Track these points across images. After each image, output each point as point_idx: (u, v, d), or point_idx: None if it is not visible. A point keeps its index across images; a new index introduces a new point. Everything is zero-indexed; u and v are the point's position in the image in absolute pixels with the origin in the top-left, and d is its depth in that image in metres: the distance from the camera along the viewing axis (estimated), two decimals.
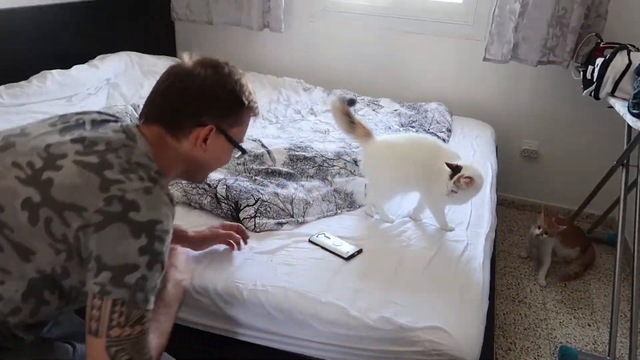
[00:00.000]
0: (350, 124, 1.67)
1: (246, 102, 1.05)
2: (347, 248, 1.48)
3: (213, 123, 1.01)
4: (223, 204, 1.61)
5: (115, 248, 0.83)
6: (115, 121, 1.01)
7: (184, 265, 1.22)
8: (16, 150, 0.90)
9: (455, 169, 1.49)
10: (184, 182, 1.69)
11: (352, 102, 1.76)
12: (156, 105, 1.02)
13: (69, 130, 0.95)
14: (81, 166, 0.87)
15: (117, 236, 0.83)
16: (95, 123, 0.98)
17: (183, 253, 1.28)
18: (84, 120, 0.98)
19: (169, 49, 3.28)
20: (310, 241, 1.53)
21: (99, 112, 1.03)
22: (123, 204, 0.84)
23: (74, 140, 0.91)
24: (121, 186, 0.85)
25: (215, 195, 1.64)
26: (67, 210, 0.83)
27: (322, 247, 1.50)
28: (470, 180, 1.47)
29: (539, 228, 2.20)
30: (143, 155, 0.93)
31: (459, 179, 1.47)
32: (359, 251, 1.48)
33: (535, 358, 1.89)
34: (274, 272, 1.36)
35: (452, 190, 1.50)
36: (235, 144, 1.08)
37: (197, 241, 1.38)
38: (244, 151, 1.12)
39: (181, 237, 1.34)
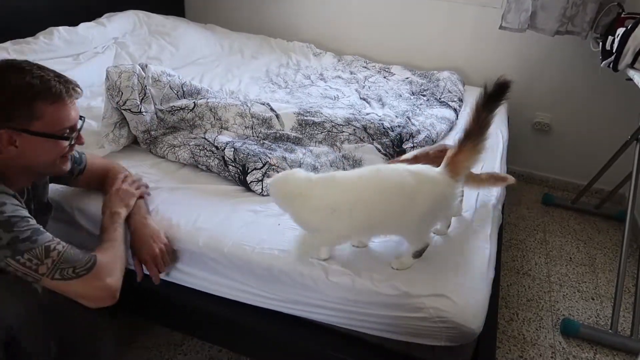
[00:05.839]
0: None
1: (25, 99, 1.04)
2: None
3: (3, 127, 1.04)
4: (230, 167, 1.60)
5: None
6: None
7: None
8: None
9: None
10: (191, 143, 1.68)
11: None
12: None
13: None
14: None
15: None
16: None
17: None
18: None
19: (178, 9, 3.22)
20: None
21: None
22: None
23: None
24: None
25: (223, 157, 1.62)
26: None
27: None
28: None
29: None
30: None
31: None
32: None
33: (537, 329, 1.90)
34: (282, 235, 1.36)
35: None
36: (50, 136, 1.09)
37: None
38: (65, 138, 1.13)
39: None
